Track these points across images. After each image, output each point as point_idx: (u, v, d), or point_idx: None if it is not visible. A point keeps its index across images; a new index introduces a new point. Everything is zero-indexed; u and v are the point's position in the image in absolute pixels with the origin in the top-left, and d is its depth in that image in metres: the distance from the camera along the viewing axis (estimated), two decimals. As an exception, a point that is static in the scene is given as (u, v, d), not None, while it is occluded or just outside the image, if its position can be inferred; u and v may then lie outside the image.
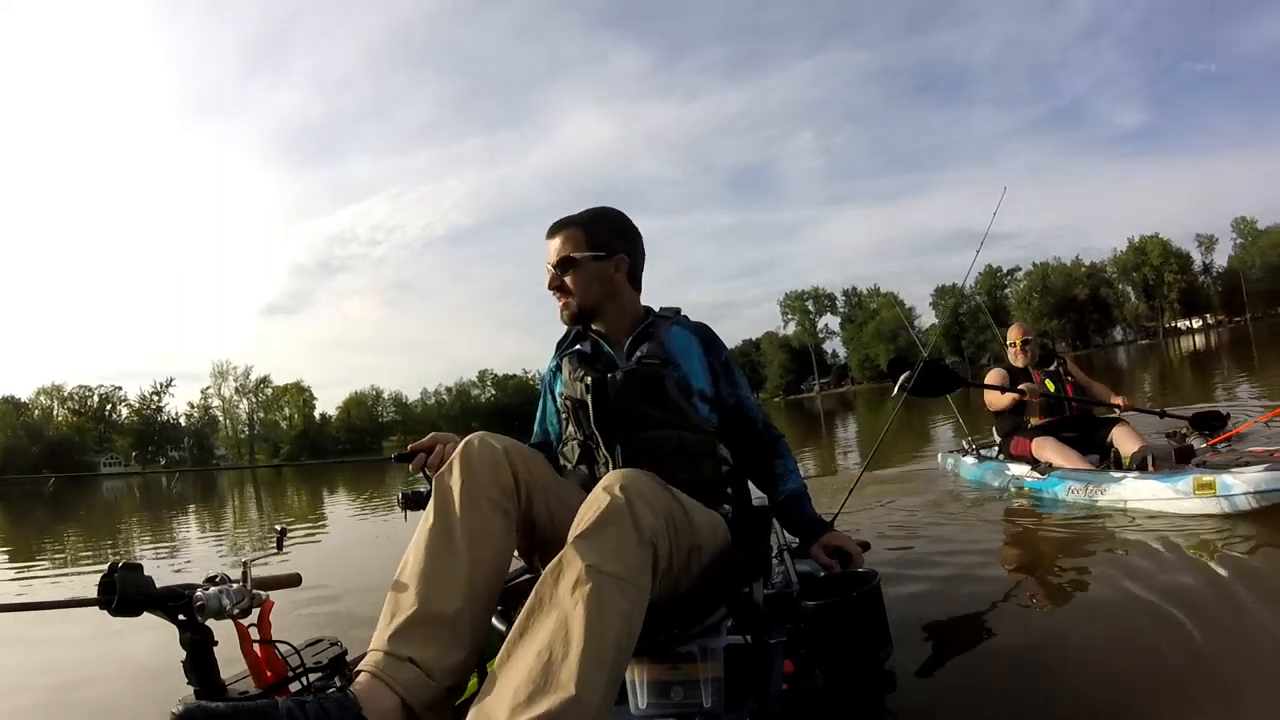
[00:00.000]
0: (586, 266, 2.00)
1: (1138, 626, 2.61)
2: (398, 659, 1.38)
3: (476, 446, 1.62)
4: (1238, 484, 3.71)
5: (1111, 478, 4.42)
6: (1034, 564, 3.79)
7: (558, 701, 1.20)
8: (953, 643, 2.70)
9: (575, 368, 2.00)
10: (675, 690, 1.59)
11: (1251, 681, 2.09)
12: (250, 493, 21.61)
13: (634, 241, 2.10)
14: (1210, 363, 20.86)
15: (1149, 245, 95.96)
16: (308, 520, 11.47)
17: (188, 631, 1.61)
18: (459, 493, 1.55)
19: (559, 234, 2.03)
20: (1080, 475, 4.68)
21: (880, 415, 23.01)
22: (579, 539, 1.40)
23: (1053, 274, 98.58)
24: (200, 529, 12.37)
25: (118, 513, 18.49)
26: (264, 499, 18.66)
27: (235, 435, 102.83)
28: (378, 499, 12.96)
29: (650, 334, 2.03)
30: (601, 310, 2.04)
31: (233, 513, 15.15)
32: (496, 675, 1.29)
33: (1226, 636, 2.40)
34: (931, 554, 3.98)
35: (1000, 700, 2.20)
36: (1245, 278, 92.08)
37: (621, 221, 2.10)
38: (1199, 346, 30.72)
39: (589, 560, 1.35)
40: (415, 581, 1.47)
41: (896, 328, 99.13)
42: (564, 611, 1.30)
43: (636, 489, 1.47)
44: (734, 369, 2.10)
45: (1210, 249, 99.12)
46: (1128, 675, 2.23)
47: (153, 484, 27.42)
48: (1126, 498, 4.24)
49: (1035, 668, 2.39)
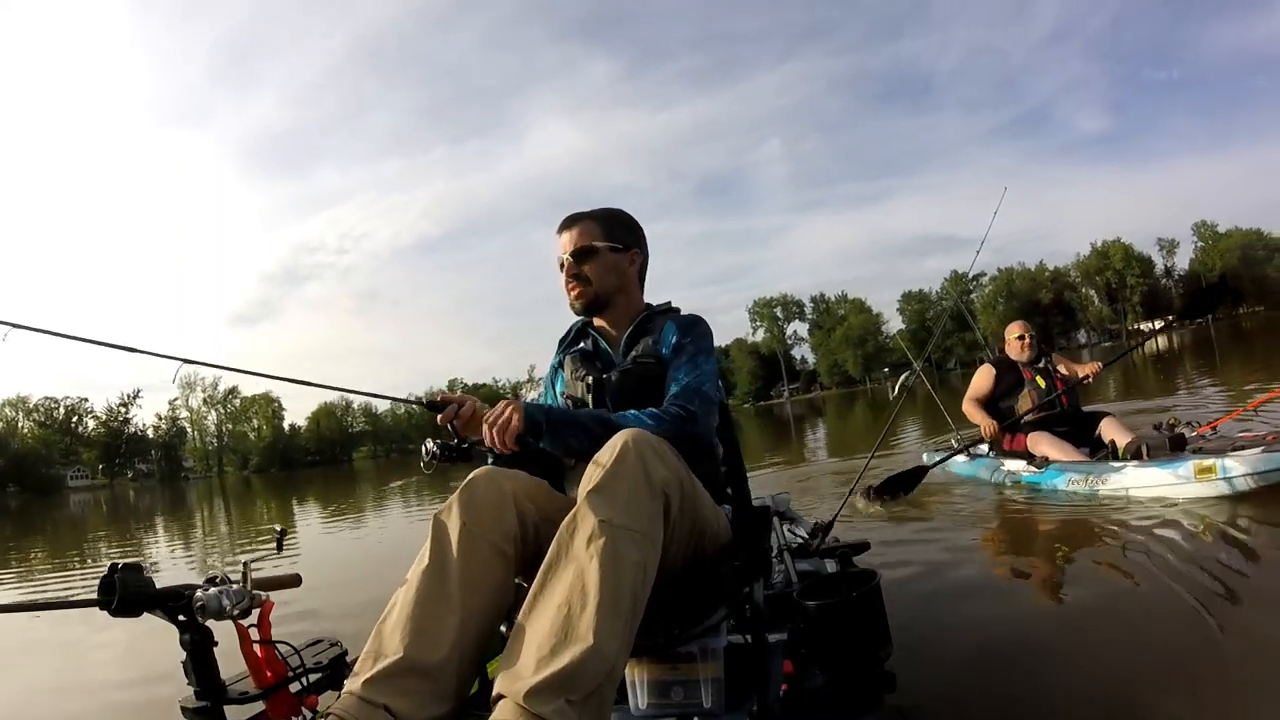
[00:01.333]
0: (605, 256, 2.03)
1: (1144, 619, 2.64)
2: (372, 705, 1.38)
3: (481, 488, 1.61)
4: (1237, 466, 3.88)
5: (1112, 467, 4.54)
6: (1034, 559, 3.86)
7: (579, 652, 1.30)
8: (953, 642, 2.71)
9: (576, 367, 2.03)
10: (675, 690, 1.60)
11: (1265, 672, 2.09)
12: (219, 505, 21.34)
13: (644, 240, 2.16)
14: (1173, 363, 21.22)
15: (1111, 249, 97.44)
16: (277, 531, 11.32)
17: (188, 632, 1.61)
18: (458, 537, 1.54)
19: (575, 226, 2.05)
20: (1080, 467, 4.79)
21: (849, 419, 23.92)
22: (591, 494, 1.44)
23: (1017, 278, 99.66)
24: (169, 539, 12.21)
25: (85, 526, 18.20)
26: (233, 511, 18.43)
27: (204, 447, 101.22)
28: (346, 508, 12.89)
29: (646, 331, 2.04)
30: (613, 301, 2.06)
31: (202, 524, 14.97)
32: (521, 629, 1.37)
33: (1236, 626, 2.42)
34: (930, 552, 4.01)
35: (1001, 700, 2.20)
36: (1206, 280, 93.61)
37: (633, 220, 2.15)
38: (1162, 348, 31.12)
39: (602, 515, 1.41)
40: (402, 626, 1.46)
41: (864, 333, 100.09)
42: (580, 565, 1.38)
43: (647, 442, 1.52)
44: (691, 352, 1.93)
45: (1172, 252, 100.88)
46: (1134, 669, 2.25)
47: (120, 497, 27.00)
48: (1128, 486, 4.38)
49: (1037, 667, 2.39)
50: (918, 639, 2.66)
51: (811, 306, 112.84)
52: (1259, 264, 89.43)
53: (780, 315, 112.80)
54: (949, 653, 2.60)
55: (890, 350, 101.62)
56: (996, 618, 2.94)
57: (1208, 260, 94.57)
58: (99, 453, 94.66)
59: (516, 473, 1.72)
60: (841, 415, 28.50)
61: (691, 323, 2.01)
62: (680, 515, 1.55)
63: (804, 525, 3.15)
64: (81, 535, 15.49)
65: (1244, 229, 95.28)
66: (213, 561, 8.40)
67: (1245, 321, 73.28)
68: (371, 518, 10.91)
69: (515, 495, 1.63)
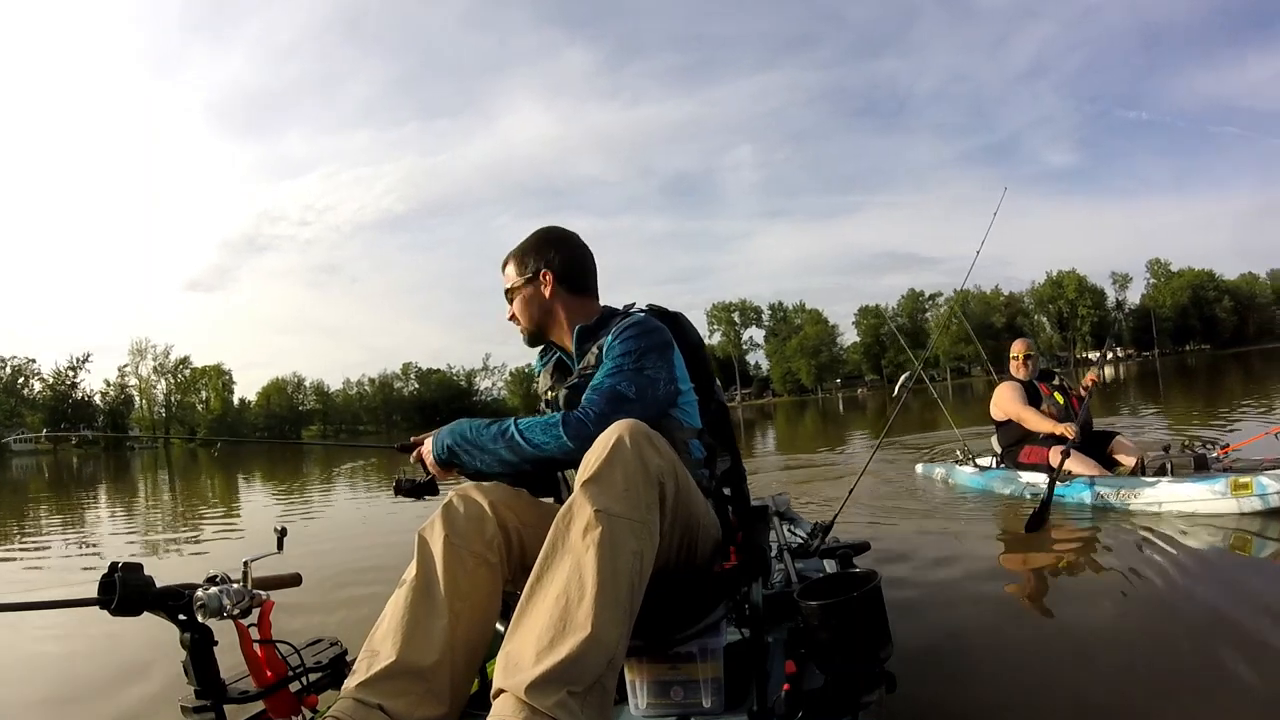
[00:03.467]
0: (521, 292, 2.05)
1: (1153, 626, 2.70)
2: (366, 706, 1.42)
3: (461, 502, 1.67)
4: (1273, 483, 4.10)
5: (1144, 482, 4.69)
6: (1042, 565, 3.93)
7: (578, 643, 1.33)
8: (954, 643, 2.74)
9: (547, 379, 2.09)
10: (675, 690, 1.63)
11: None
12: (164, 477, 20.96)
13: (560, 251, 2.06)
14: (1119, 392, 21.75)
15: (1065, 279, 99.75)
16: (224, 507, 11.25)
17: (188, 631, 1.61)
18: (441, 548, 1.60)
19: (504, 269, 2.10)
20: (1109, 481, 4.92)
21: (798, 425, 24.50)
22: (587, 483, 1.47)
23: (973, 301, 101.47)
24: (111, 512, 11.98)
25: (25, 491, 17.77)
26: (177, 484, 18.11)
27: (151, 416, 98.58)
28: (296, 485, 12.74)
29: (590, 338, 1.98)
30: (546, 327, 2.07)
31: (144, 497, 14.71)
32: (519, 622, 1.39)
33: (1254, 642, 2.45)
34: (932, 553, 4.10)
35: (1002, 701, 2.23)
36: (1156, 315, 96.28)
37: (546, 237, 2.09)
38: (1108, 377, 31.83)
39: (597, 505, 1.43)
40: (394, 633, 1.51)
41: (819, 344, 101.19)
42: (577, 556, 1.40)
43: (642, 431, 1.55)
44: (617, 355, 1.85)
45: (1125, 286, 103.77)
46: (1138, 676, 2.29)
47: (63, 463, 26.36)
48: (1161, 500, 4.53)
49: (1039, 668, 2.44)
50: (918, 639, 2.68)
51: (769, 314, 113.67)
52: (1209, 304, 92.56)
53: (738, 320, 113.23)
54: (950, 653, 2.63)
55: (844, 362, 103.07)
56: (999, 620, 2.98)
57: (1159, 297, 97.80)
58: (44, 416, 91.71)
59: (495, 485, 1.77)
60: (791, 421, 28.88)
61: (628, 327, 1.90)
62: (675, 505, 1.58)
63: (804, 526, 3.18)
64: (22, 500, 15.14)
65: (1197, 269, 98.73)
66: (152, 536, 8.29)
67: (1191, 358, 75.25)
68: (318, 502, 10.75)
69: (495, 505, 1.68)
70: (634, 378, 1.80)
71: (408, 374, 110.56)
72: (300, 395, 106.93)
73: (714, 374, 2.12)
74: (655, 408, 1.81)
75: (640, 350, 1.84)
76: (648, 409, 1.77)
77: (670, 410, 1.87)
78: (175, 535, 8.35)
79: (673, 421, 1.87)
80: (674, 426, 1.86)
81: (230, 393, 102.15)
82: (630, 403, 1.76)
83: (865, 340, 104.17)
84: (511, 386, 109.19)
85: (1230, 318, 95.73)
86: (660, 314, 2.05)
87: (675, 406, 1.89)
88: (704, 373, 2.04)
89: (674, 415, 1.88)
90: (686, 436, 1.90)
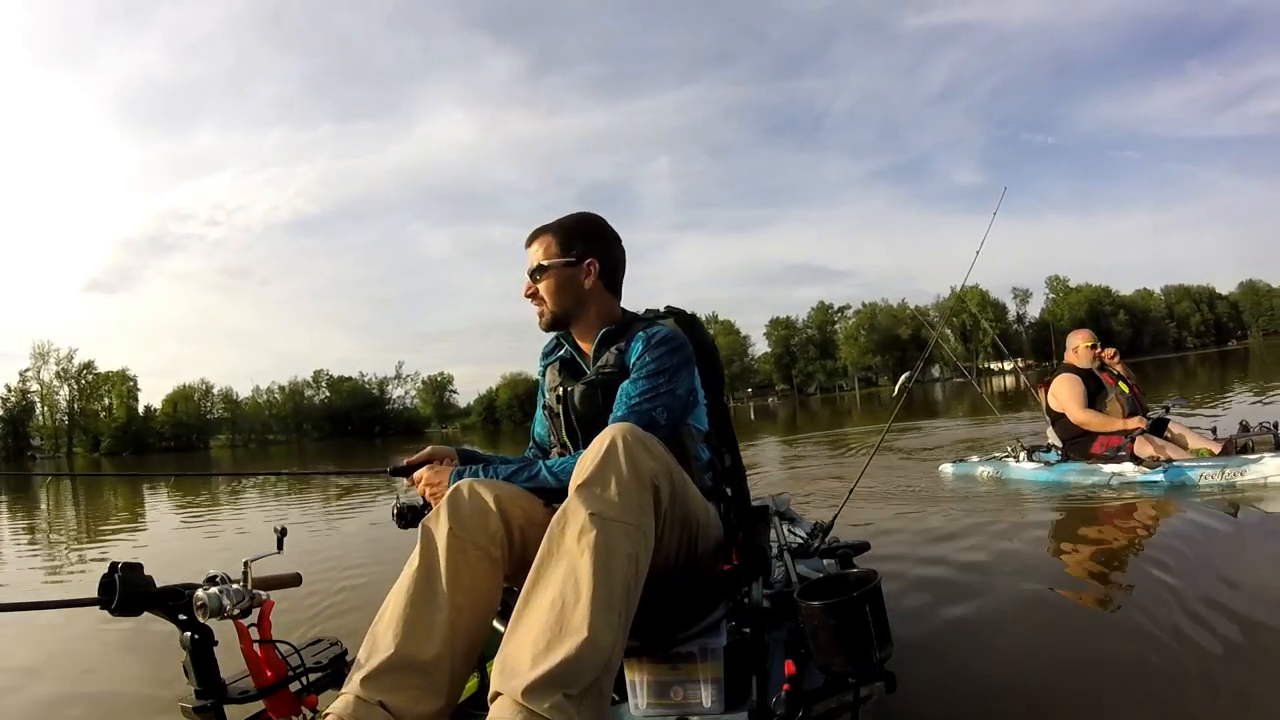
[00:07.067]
0: (558, 273, 2.01)
1: (1168, 620, 2.66)
2: (368, 703, 1.44)
3: (465, 494, 1.67)
4: None
5: (1247, 459, 4.89)
6: (1055, 562, 3.95)
7: (573, 646, 1.34)
8: (955, 643, 2.76)
9: (555, 376, 2.08)
10: (675, 690, 1.64)
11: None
12: (66, 489, 19.99)
13: (608, 246, 2.08)
14: (1018, 399, 22.57)
15: (969, 294, 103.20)
16: (127, 524, 10.78)
17: (188, 631, 1.61)
18: (444, 540, 1.59)
19: (534, 241, 2.05)
20: (1211, 462, 5.05)
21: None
22: (581, 487, 1.49)
23: (880, 314, 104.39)
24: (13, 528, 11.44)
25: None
26: (81, 498, 17.31)
27: (53, 424, 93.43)
28: (206, 499, 12.34)
29: (613, 341, 2.00)
30: (575, 316, 2.04)
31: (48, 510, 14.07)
32: (515, 626, 1.41)
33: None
34: (932, 554, 4.06)
35: (1002, 701, 2.26)
36: (1054, 329, 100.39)
37: (595, 225, 2.09)
38: (1009, 386, 32.95)
39: (591, 509, 1.46)
40: (394, 626, 1.52)
41: (731, 354, 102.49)
42: (572, 560, 1.43)
43: (635, 435, 1.58)
44: (649, 370, 1.88)
45: (1025, 301, 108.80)
46: (1150, 674, 2.29)
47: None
48: (1268, 474, 4.74)
49: (1040, 668, 2.45)
50: (919, 640, 2.70)
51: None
52: (1105, 318, 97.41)
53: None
54: (950, 653, 2.64)
55: (755, 372, 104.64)
56: (1000, 620, 2.98)
57: (1057, 311, 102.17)
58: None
59: (499, 482, 1.76)
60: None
61: (659, 339, 1.91)
62: (671, 507, 1.60)
63: (804, 525, 3.14)
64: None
65: (1094, 285, 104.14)
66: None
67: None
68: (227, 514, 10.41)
69: (499, 501, 1.66)
70: (668, 400, 1.85)
71: (319, 382, 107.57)
72: (208, 403, 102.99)
73: (724, 376, 2.16)
74: (679, 426, 1.90)
75: (674, 368, 1.88)
76: (674, 430, 1.87)
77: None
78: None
79: (684, 427, 1.93)
80: (685, 432, 1.93)
81: (135, 400, 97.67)
82: (661, 429, 1.80)
83: (776, 351, 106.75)
84: (424, 395, 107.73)
85: (1125, 330, 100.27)
86: (680, 317, 2.09)
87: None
88: (715, 376, 2.09)
89: (686, 421, 1.94)
90: (696, 440, 1.95)
